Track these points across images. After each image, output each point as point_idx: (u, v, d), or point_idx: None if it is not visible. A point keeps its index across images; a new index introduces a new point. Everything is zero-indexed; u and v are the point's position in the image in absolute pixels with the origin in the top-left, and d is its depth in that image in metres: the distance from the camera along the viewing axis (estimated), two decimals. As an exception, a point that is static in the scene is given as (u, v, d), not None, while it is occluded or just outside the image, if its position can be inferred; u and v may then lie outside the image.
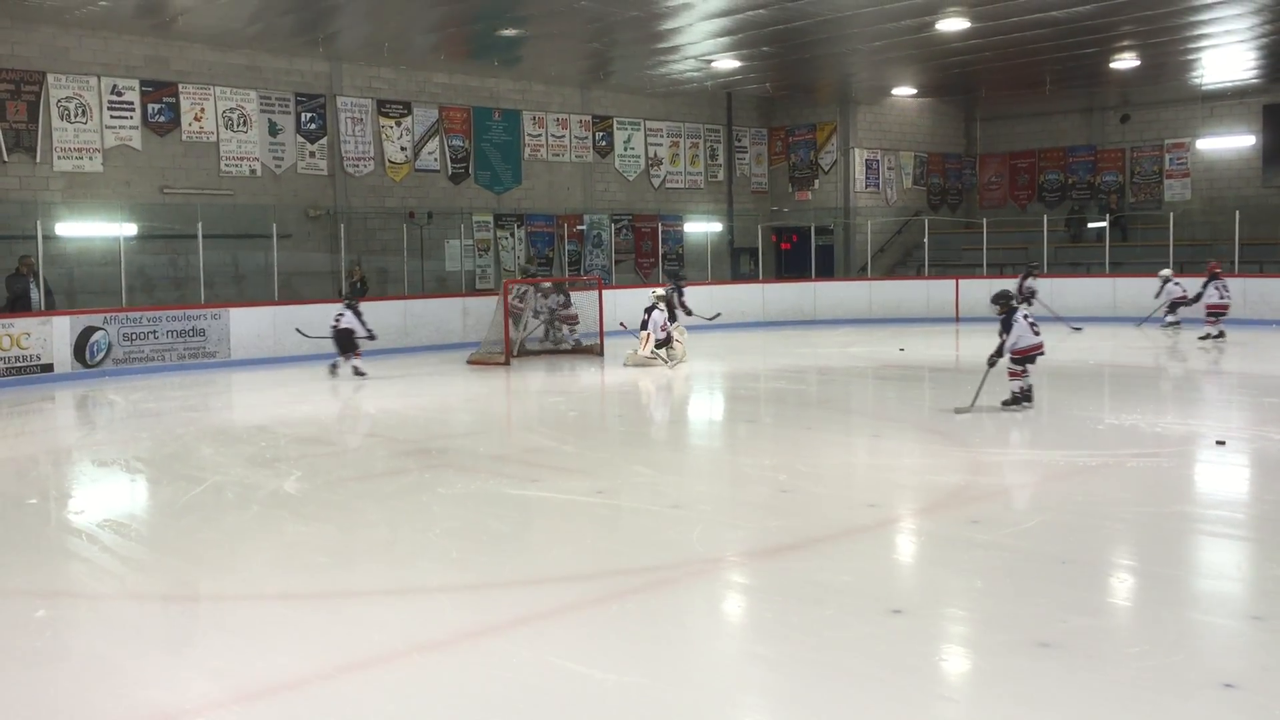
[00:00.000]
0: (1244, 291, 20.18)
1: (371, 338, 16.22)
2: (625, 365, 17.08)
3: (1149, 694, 4.64)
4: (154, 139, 19.18)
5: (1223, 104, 26.55)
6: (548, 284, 20.11)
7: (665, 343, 17.19)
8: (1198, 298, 19.27)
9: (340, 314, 16.05)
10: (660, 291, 18.12)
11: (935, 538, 7.19)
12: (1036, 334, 11.43)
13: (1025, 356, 11.48)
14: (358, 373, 15.96)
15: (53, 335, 16.21)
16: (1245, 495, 8.63)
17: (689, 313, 20.36)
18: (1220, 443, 9.82)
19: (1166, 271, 20.90)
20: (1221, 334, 18.80)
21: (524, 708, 4.62)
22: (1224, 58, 22.37)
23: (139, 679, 5.04)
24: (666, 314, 17.39)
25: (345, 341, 16.02)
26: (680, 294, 20.22)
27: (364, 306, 16.55)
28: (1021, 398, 11.60)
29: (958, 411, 11.59)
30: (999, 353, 11.53)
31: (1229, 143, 26.63)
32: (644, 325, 17.27)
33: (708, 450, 11.39)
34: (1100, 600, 5.97)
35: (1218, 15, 18.37)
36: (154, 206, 19.02)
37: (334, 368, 16.29)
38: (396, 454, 10.48)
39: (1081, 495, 8.16)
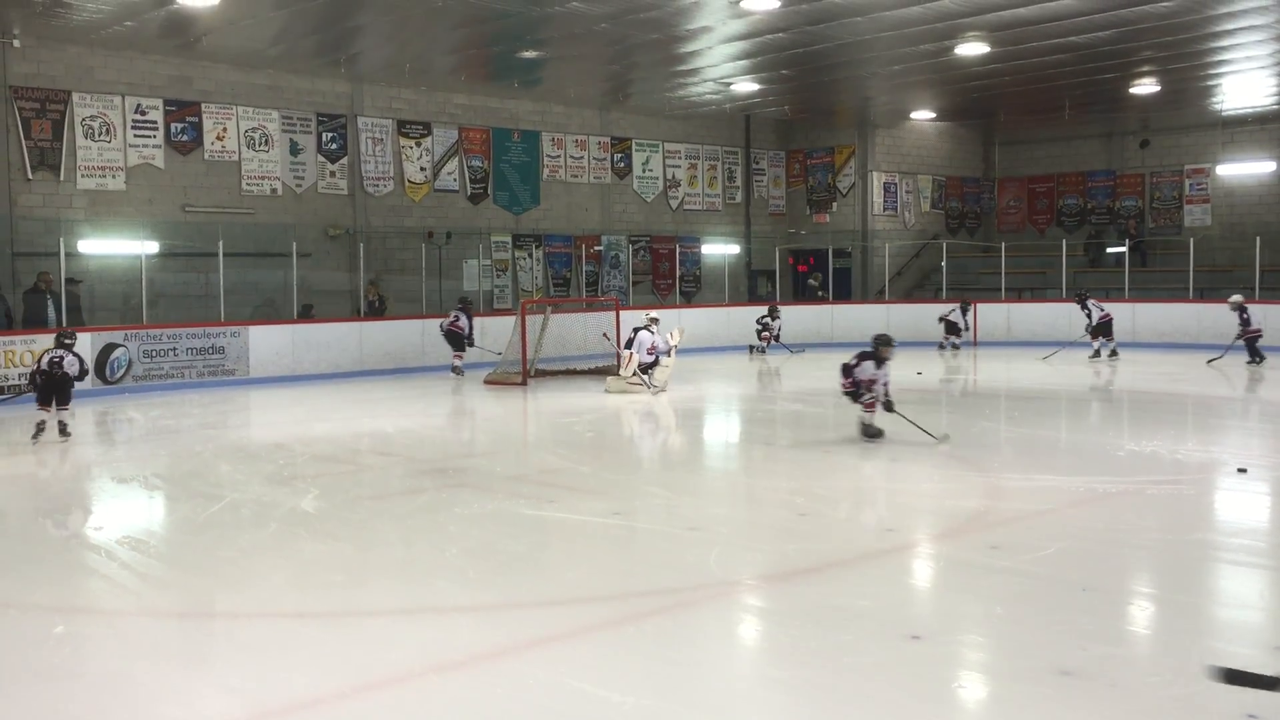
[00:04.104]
0: (1265, 318, 20.00)
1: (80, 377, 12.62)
2: (607, 392, 16.22)
3: (1171, 724, 4.59)
4: (176, 158, 19.33)
5: (1243, 130, 26.46)
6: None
7: (651, 366, 16.20)
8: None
9: (60, 355, 12.37)
10: (654, 314, 17.34)
11: (954, 563, 7.15)
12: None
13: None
14: (61, 429, 12.50)
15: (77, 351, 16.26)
16: (1267, 523, 8.55)
17: (966, 328, 21.87)
18: (1242, 470, 9.74)
19: (1237, 297, 19.33)
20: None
21: (540, 730, 4.61)
22: (1244, 83, 22.31)
23: (156, 695, 5.04)
24: (659, 336, 16.35)
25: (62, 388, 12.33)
26: (965, 312, 21.61)
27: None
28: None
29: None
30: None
31: (1249, 169, 26.51)
32: (628, 344, 16.55)
33: (724, 472, 11.37)
34: (1121, 628, 5.92)
35: (1238, 41, 18.33)
36: (176, 225, 19.15)
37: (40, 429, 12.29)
38: (413, 473, 10.49)
39: (1102, 522, 8.10)
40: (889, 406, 11.53)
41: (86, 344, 16.43)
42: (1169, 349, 22.08)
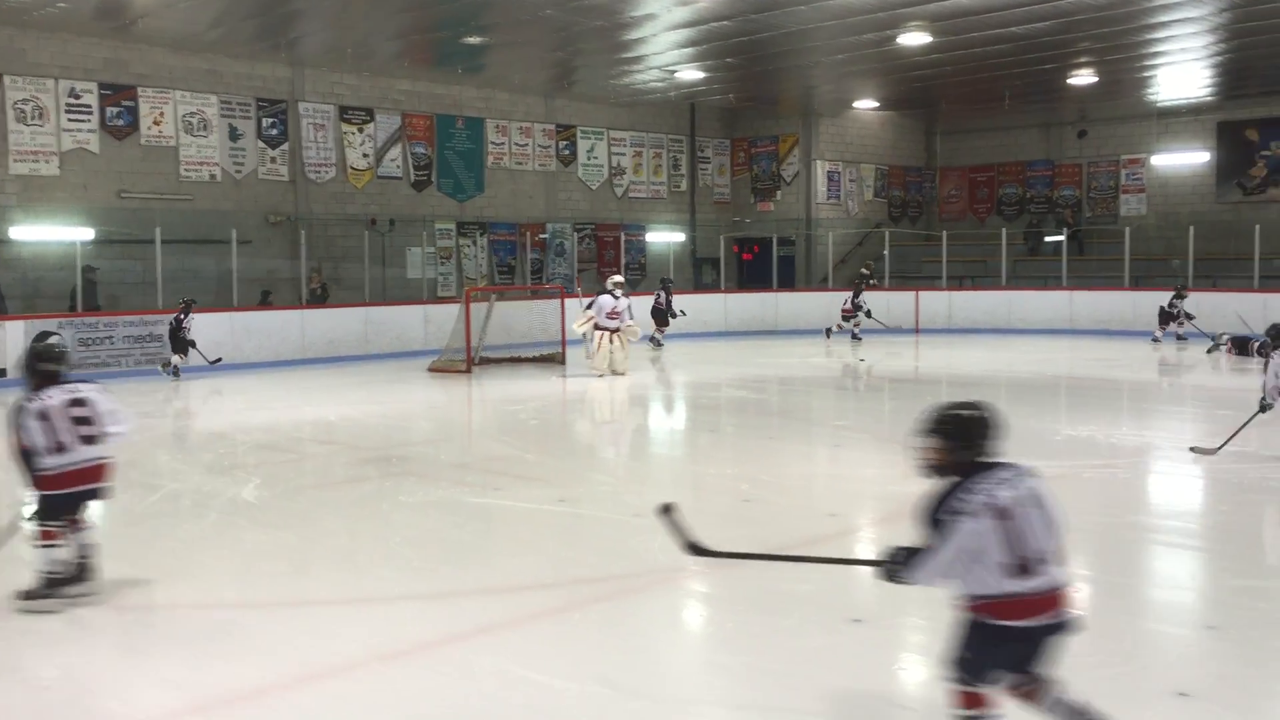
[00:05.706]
0: (1197, 306, 20.46)
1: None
2: (600, 376, 16.25)
3: (1105, 703, 4.67)
4: (112, 142, 18.95)
5: (1178, 121, 26.95)
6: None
7: (613, 333, 16.27)
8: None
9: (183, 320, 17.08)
10: (619, 278, 17.47)
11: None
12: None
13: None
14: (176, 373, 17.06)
15: (6, 340, 15.94)
16: (1199, 506, 8.75)
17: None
18: (1195, 449, 9.91)
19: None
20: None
21: (485, 717, 4.61)
22: (1179, 75, 22.72)
23: (94, 689, 4.97)
24: (621, 301, 16.39)
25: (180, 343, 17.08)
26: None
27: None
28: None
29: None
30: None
31: (1184, 159, 27.02)
32: (589, 305, 16.74)
33: (670, 459, 11.41)
34: (1057, 609, 6.03)
35: (1173, 34, 18.65)
36: (111, 211, 18.77)
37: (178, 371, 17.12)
38: (357, 462, 10.41)
39: (1039, 506, 8.23)
40: (1265, 407, 9.47)
41: (19, 332, 16.11)
42: (1105, 335, 22.48)
